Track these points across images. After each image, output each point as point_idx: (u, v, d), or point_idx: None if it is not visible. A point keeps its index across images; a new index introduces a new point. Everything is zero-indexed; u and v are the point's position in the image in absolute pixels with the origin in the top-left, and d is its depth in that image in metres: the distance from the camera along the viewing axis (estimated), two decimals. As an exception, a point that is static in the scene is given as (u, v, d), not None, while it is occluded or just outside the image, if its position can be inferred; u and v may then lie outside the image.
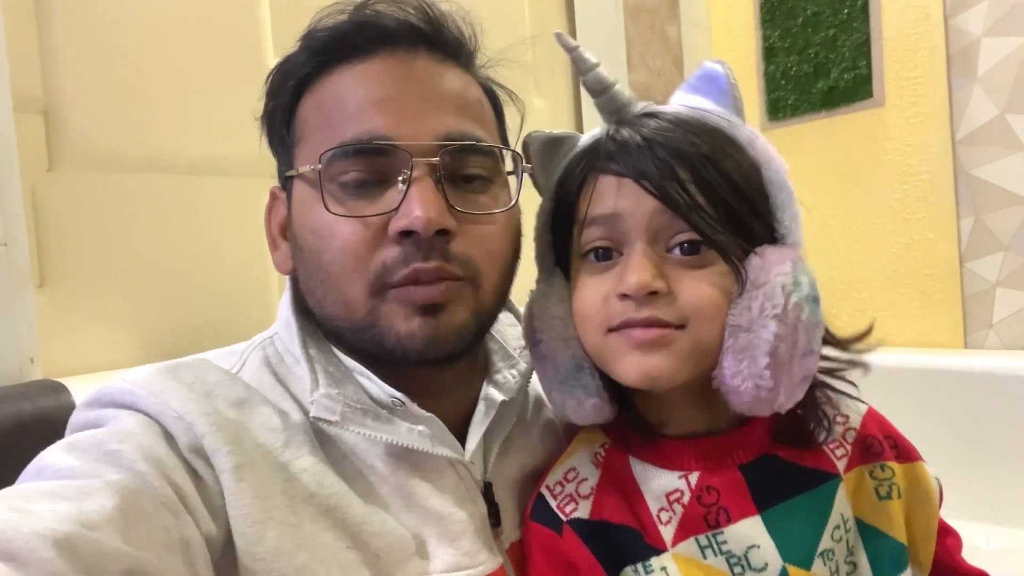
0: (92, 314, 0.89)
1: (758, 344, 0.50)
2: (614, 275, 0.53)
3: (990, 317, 1.64)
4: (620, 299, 0.52)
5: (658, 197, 0.51)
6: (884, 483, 0.58)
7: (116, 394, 0.52)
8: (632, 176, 0.52)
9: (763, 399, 0.51)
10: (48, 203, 0.86)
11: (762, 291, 0.50)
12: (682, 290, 0.51)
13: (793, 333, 0.50)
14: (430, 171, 0.53)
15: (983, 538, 1.43)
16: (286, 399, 0.56)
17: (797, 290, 0.50)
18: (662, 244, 0.52)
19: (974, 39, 1.61)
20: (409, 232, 0.52)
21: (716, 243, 0.51)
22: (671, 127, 0.53)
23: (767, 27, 1.93)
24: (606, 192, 0.53)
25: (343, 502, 0.52)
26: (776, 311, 0.49)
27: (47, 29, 0.87)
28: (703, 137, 0.53)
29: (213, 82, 1.01)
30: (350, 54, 0.56)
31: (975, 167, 1.63)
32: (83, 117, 0.89)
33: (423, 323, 0.53)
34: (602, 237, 0.54)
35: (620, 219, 0.52)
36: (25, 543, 0.35)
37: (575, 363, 0.56)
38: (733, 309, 0.51)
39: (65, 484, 0.42)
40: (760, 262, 0.51)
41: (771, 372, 0.50)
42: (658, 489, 0.56)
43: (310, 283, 0.57)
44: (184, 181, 0.98)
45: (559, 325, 0.56)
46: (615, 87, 0.57)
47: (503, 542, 0.58)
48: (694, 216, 0.50)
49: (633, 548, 0.55)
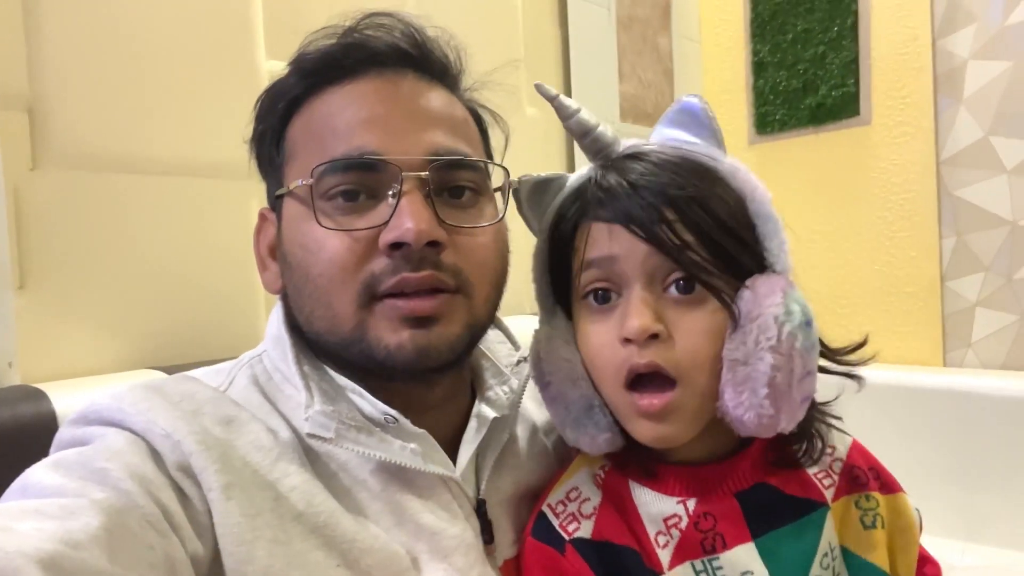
0: (74, 317, 0.87)
1: (756, 376, 0.51)
2: (616, 319, 0.55)
3: (969, 336, 1.66)
4: (623, 343, 0.53)
5: (648, 241, 0.52)
6: (869, 512, 0.59)
7: (103, 411, 0.51)
8: (621, 222, 0.54)
9: (766, 424, 0.52)
10: (30, 203, 0.84)
11: (756, 324, 0.52)
12: (679, 334, 0.53)
13: (789, 362, 0.51)
14: (419, 185, 0.54)
15: (958, 555, 1.45)
16: (275, 417, 0.56)
17: (789, 320, 0.52)
18: (658, 284, 0.54)
19: (961, 61, 1.63)
20: (399, 244, 0.52)
21: (707, 283, 0.53)
22: (656, 169, 0.55)
23: (757, 42, 1.95)
24: (599, 237, 0.55)
25: (333, 519, 0.51)
26: (771, 343, 0.51)
27: (34, 26, 0.85)
28: (687, 177, 0.54)
29: (202, 83, 0.99)
30: (339, 75, 0.57)
31: (958, 188, 1.66)
32: (68, 115, 0.87)
33: (413, 335, 0.53)
34: (600, 279, 0.56)
35: (615, 262, 0.54)
36: (10, 562, 0.35)
37: (585, 403, 0.57)
38: (729, 344, 0.52)
39: (50, 502, 0.41)
40: (751, 296, 0.53)
41: (771, 401, 0.51)
42: (656, 513, 0.57)
43: (299, 299, 0.57)
44: (171, 182, 0.96)
45: (567, 367, 0.58)
46: (598, 129, 0.59)
47: (496, 559, 0.58)
48: (684, 256, 0.52)
49: (633, 569, 0.55)
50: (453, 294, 0.55)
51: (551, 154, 1.64)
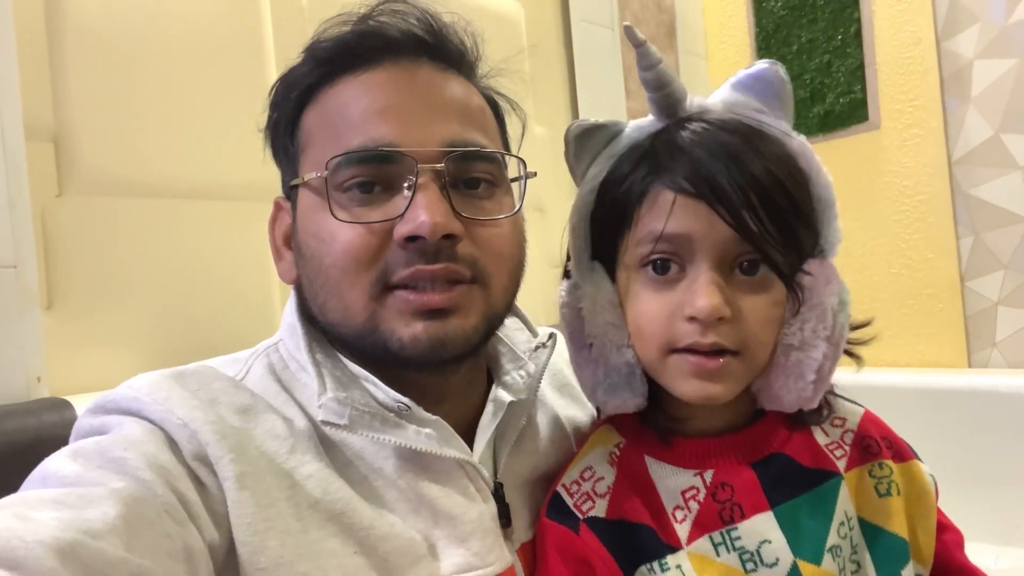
0: (98, 335, 0.90)
1: (808, 363, 0.52)
2: (679, 294, 0.53)
3: (993, 336, 1.63)
4: (687, 321, 0.52)
5: (734, 227, 0.51)
6: (883, 481, 0.59)
7: (121, 401, 0.52)
8: (706, 200, 0.51)
9: (801, 403, 0.55)
10: (57, 227, 0.89)
11: (815, 313, 0.52)
12: (745, 315, 0.52)
13: (836, 351, 0.53)
14: (435, 177, 0.53)
15: (992, 559, 1.41)
16: (291, 406, 0.56)
17: (843, 310, 0.53)
18: (726, 263, 0.53)
19: (967, 62, 1.63)
20: (414, 237, 0.52)
21: (778, 266, 0.52)
22: (737, 142, 0.52)
23: (763, 55, 1.97)
24: (676, 210, 0.52)
25: (349, 507, 0.51)
26: (827, 332, 0.52)
27: (58, 60, 0.90)
28: (769, 157, 0.53)
29: (219, 110, 1.03)
30: (354, 64, 0.57)
31: (972, 187, 1.64)
32: (92, 145, 0.92)
33: (427, 326, 0.53)
34: (666, 251, 0.53)
35: (688, 239, 0.52)
36: (28, 551, 0.35)
37: (628, 370, 0.56)
38: (787, 328, 0.53)
39: (68, 492, 0.42)
40: (812, 282, 0.53)
41: (814, 386, 0.53)
42: (674, 487, 0.57)
43: (312, 289, 0.57)
44: (189, 206, 1.00)
45: (613, 332, 0.56)
46: (674, 83, 0.56)
47: (514, 542, 0.58)
48: (764, 244, 0.51)
49: (649, 546, 0.55)
50: (469, 285, 0.55)
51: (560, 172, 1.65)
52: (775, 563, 0.53)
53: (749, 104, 0.56)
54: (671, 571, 0.54)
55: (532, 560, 0.59)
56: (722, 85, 0.58)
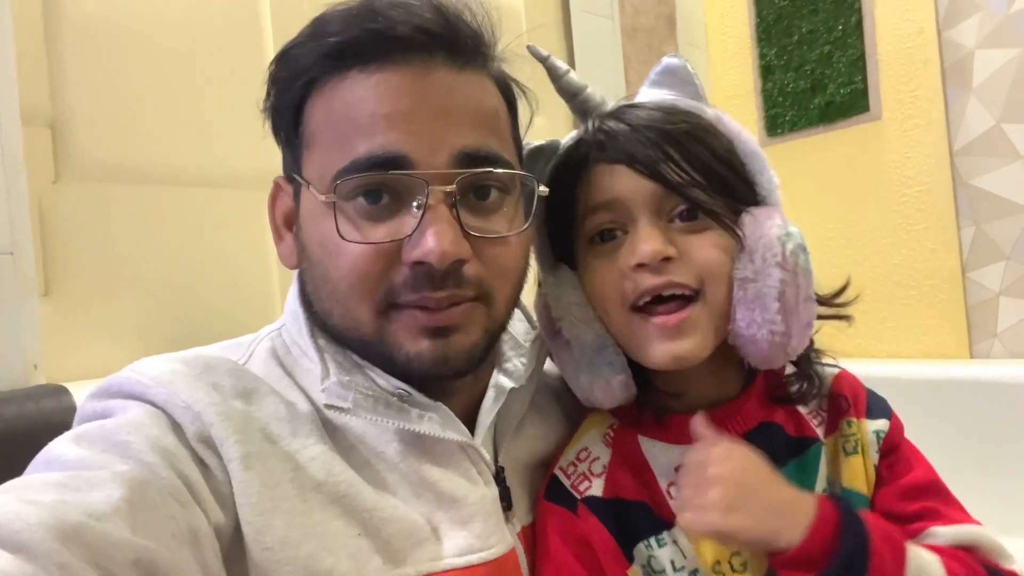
0: (95, 322, 0.90)
1: (766, 292, 0.53)
2: (624, 251, 0.56)
3: (994, 326, 1.63)
4: (635, 270, 0.55)
5: (652, 178, 0.54)
6: (850, 439, 0.60)
7: (124, 384, 0.52)
8: (624, 161, 0.56)
9: (778, 344, 0.54)
10: (54, 214, 0.88)
11: (761, 243, 0.54)
12: (691, 252, 0.55)
13: (795, 278, 0.54)
14: (445, 197, 0.52)
15: (995, 549, 1.40)
16: (293, 390, 0.56)
17: (791, 239, 0.54)
18: (663, 217, 0.56)
19: (968, 51, 1.63)
20: (423, 262, 0.51)
21: (711, 211, 0.55)
22: (651, 112, 0.58)
23: (763, 46, 1.96)
24: (602, 180, 0.57)
25: (353, 489, 0.52)
26: (777, 259, 0.53)
27: (55, 45, 0.89)
28: (681, 116, 0.57)
29: (218, 96, 1.03)
30: (363, 60, 0.53)
31: (973, 177, 1.64)
32: (89, 131, 0.91)
33: (431, 344, 0.53)
34: (606, 221, 0.57)
35: (621, 202, 0.56)
36: (33, 534, 0.35)
37: (599, 342, 0.58)
38: (737, 264, 0.55)
39: (72, 475, 0.42)
40: (752, 219, 0.55)
41: (782, 316, 0.53)
42: (667, 464, 0.58)
43: (317, 293, 0.57)
44: (188, 193, 0.99)
45: (577, 309, 0.59)
46: (587, 90, 0.61)
47: (515, 526, 0.59)
48: (689, 191, 0.54)
49: (645, 523, 0.56)
50: (473, 302, 0.54)
51: (561, 163, 1.65)
52: None
53: (664, 95, 0.61)
54: (668, 546, 0.55)
55: (532, 543, 0.59)
56: (638, 91, 0.64)
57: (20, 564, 0.34)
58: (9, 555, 0.34)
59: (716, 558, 0.54)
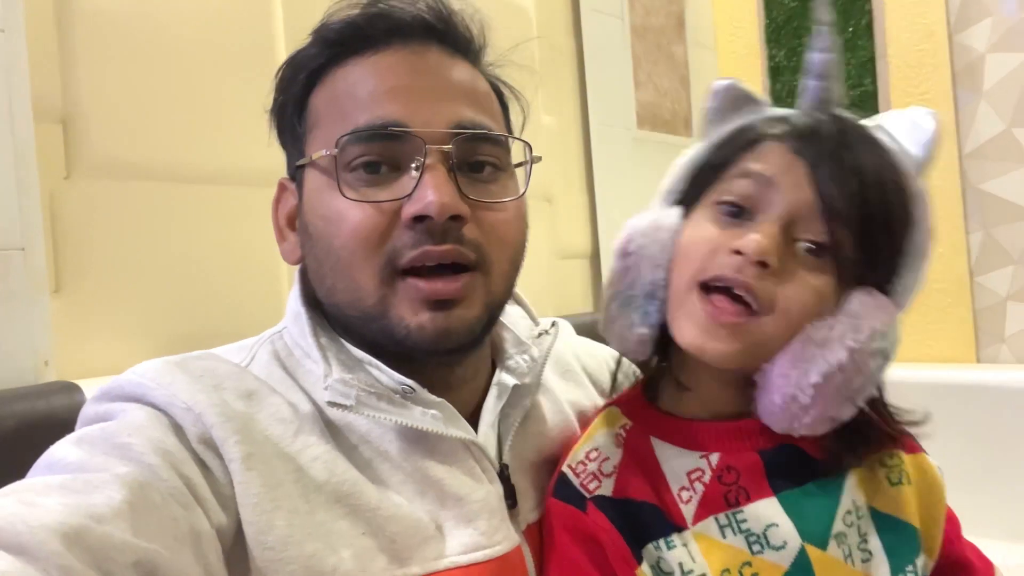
0: (106, 319, 0.90)
1: (820, 363, 0.50)
2: (737, 232, 0.53)
3: (1002, 331, 1.63)
4: (731, 254, 0.52)
5: (821, 195, 0.51)
6: (895, 470, 0.59)
7: (126, 387, 0.52)
8: (809, 162, 0.52)
9: (789, 413, 0.52)
10: (65, 210, 0.88)
11: (851, 322, 0.51)
12: (791, 280, 0.52)
13: (855, 373, 0.51)
14: (443, 159, 0.54)
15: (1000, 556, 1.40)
16: (295, 391, 0.56)
17: (882, 340, 0.51)
18: (791, 233, 0.52)
19: (978, 55, 1.63)
20: (422, 217, 0.52)
21: (844, 260, 0.52)
22: (870, 153, 0.53)
23: (772, 47, 1.96)
24: (774, 158, 0.53)
25: (356, 489, 0.52)
26: (854, 345, 0.50)
27: (67, 41, 0.89)
28: (888, 179, 0.53)
29: (228, 93, 1.03)
30: (363, 46, 0.57)
31: (983, 181, 1.64)
32: (101, 127, 0.91)
33: (433, 317, 0.53)
34: (744, 194, 0.54)
35: (772, 187, 0.53)
36: (34, 536, 0.35)
37: (652, 289, 0.57)
38: (817, 321, 0.52)
39: (74, 477, 0.42)
40: (868, 299, 0.52)
41: (814, 392, 0.51)
42: (679, 468, 0.57)
43: (320, 271, 0.57)
44: (198, 190, 0.99)
45: (657, 249, 0.57)
46: (836, 80, 0.57)
47: (520, 523, 0.59)
48: (840, 229, 0.51)
49: (655, 525, 0.56)
50: (473, 272, 0.55)
51: (569, 163, 1.65)
52: (783, 546, 0.53)
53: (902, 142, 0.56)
54: (677, 549, 0.55)
55: (538, 541, 0.59)
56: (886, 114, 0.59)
57: (22, 566, 0.34)
58: (11, 557, 0.34)
59: (725, 566, 0.54)
